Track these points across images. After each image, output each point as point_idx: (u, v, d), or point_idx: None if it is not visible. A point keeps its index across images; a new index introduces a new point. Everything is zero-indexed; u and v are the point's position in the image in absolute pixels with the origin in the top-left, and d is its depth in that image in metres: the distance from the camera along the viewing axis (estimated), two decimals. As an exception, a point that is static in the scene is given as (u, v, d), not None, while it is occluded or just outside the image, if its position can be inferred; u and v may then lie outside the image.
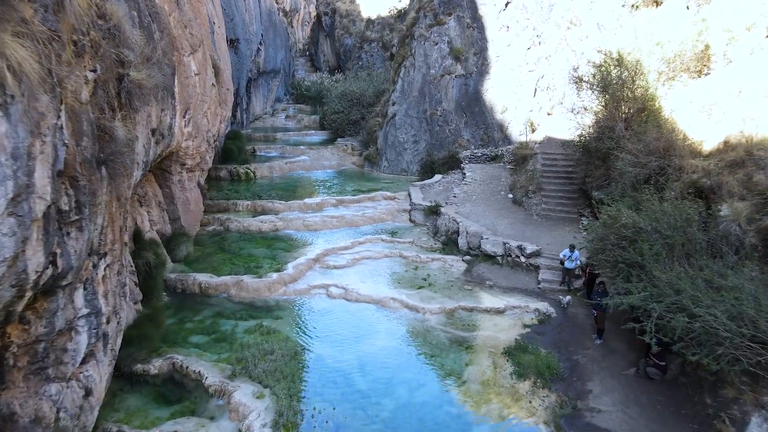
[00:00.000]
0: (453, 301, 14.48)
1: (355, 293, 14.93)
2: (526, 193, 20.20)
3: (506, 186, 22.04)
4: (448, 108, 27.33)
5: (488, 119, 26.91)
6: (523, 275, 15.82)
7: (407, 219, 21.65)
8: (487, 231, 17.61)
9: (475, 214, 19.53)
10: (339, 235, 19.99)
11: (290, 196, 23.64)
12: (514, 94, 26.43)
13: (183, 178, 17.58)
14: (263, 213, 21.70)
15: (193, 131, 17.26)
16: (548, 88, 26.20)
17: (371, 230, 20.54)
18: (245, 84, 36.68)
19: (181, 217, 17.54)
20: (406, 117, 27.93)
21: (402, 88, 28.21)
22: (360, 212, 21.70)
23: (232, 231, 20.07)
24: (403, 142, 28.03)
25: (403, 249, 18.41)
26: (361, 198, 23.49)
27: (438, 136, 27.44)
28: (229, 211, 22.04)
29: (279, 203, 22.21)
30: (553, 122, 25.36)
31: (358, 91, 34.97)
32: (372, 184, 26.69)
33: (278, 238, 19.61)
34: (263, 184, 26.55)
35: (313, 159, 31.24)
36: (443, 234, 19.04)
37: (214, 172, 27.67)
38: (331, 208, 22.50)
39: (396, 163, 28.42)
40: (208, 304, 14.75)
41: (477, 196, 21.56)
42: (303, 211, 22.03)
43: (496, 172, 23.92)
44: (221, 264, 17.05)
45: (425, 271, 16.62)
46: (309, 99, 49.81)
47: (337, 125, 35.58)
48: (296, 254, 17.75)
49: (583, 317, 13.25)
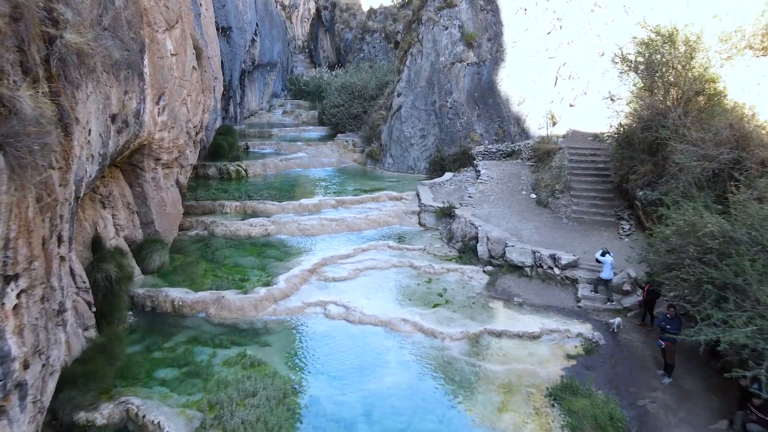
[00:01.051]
0: (477, 323, 12.00)
1: (358, 313, 12.45)
2: (552, 192, 17.72)
3: (528, 185, 19.56)
4: (459, 99, 24.84)
5: (503, 111, 24.44)
6: (557, 290, 13.34)
7: (416, 222, 19.17)
8: (511, 237, 15.12)
9: (495, 217, 17.05)
10: (339, 240, 17.51)
11: (285, 197, 21.17)
12: (533, 83, 23.95)
13: (158, 176, 15.10)
14: (254, 215, 19.23)
15: (169, 121, 14.79)
16: (570, 76, 23.73)
17: (376, 235, 18.06)
18: (238, 76, 34.22)
19: (155, 220, 15.06)
20: (413, 109, 25.45)
21: (408, 77, 25.73)
22: (363, 214, 19.22)
23: (217, 236, 17.60)
24: (409, 137, 25.55)
25: (414, 257, 15.93)
26: (363, 198, 21.02)
27: (448, 130, 24.95)
28: (215, 213, 19.56)
29: (272, 204, 19.73)
30: (577, 114, 22.90)
31: (360, 83, 32.47)
32: (375, 182, 24.22)
33: (269, 244, 17.13)
34: (256, 183, 24.08)
35: (310, 156, 28.77)
36: (459, 240, 16.56)
37: (202, 169, 25.26)
38: (331, 210, 20.02)
39: (401, 160, 25.94)
40: (183, 327, 12.27)
41: (495, 196, 19.08)
42: (298, 213, 19.55)
43: (515, 170, 21.44)
44: (202, 276, 14.57)
45: (441, 285, 14.14)
46: (307, 94, 47.44)
47: (337, 120, 33.10)
48: (289, 264, 15.26)
49: (640, 346, 10.75)
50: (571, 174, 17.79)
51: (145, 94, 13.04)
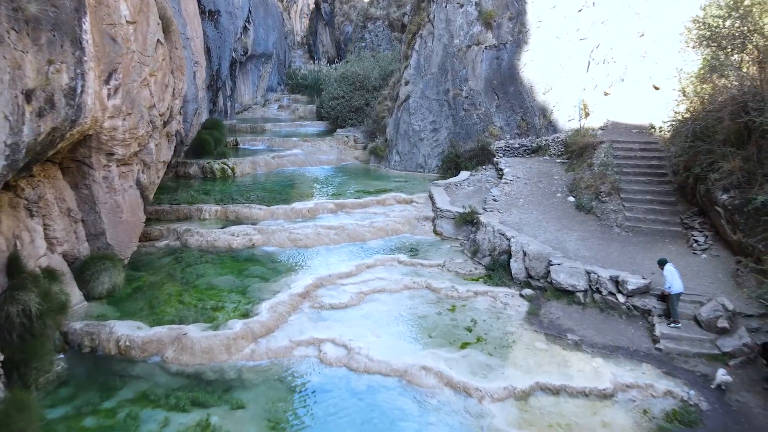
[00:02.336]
0: (523, 373, 8.93)
1: (363, 357, 9.37)
2: (596, 195, 14.64)
3: (563, 186, 16.47)
4: (475, 87, 21.75)
5: (527, 101, 21.35)
6: (623, 324, 10.24)
7: (430, 230, 16.09)
8: (554, 252, 12.04)
9: (529, 225, 13.98)
10: (338, 253, 14.43)
11: (275, 200, 18.08)
12: (561, 69, 20.86)
13: (111, 175, 12.02)
14: (237, 222, 16.16)
15: (124, 105, 11.72)
16: (605, 60, 20.64)
17: (383, 247, 14.98)
18: (228, 65, 31.12)
19: (107, 230, 11.98)
20: (423, 99, 22.36)
21: (417, 63, 22.63)
22: (366, 221, 16.13)
23: (191, 247, 14.54)
24: (418, 130, 22.46)
25: (431, 276, 12.85)
26: (367, 201, 17.92)
27: (463, 123, 21.86)
28: (191, 220, 16.49)
29: (258, 209, 16.64)
30: (614, 104, 19.82)
31: (362, 73, 29.38)
32: (380, 183, 21.14)
33: (254, 258, 14.05)
34: (243, 184, 21.02)
35: (307, 153, 25.69)
36: (486, 254, 13.48)
37: (183, 168, 22.21)
38: (328, 216, 16.93)
39: (410, 158, 22.85)
40: (130, 377, 9.20)
41: (525, 199, 15.99)
42: (290, 219, 16.46)
43: (544, 168, 18.36)
44: (165, 302, 11.49)
45: (468, 314, 11.06)
46: (305, 88, 44.41)
47: (337, 114, 30.02)
48: (276, 285, 12.19)
49: (763, 416, 7.67)
50: (620, 173, 14.71)
51: (85, 69, 9.96)
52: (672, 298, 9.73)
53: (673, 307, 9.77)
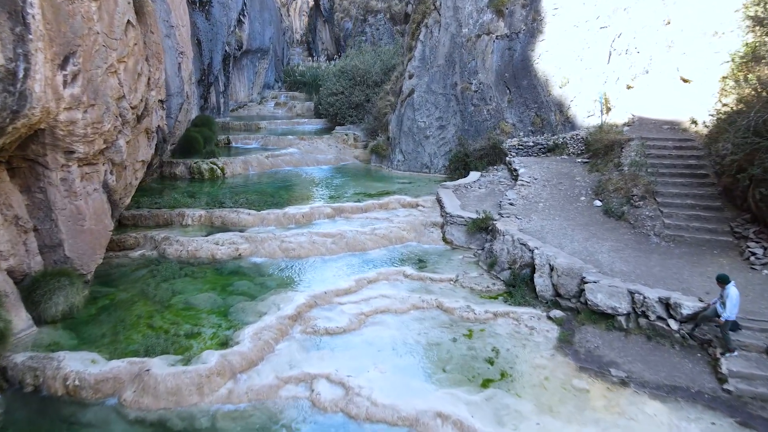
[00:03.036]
0: (564, 423, 7.22)
1: (365, 399, 7.66)
2: (627, 199, 12.94)
3: (587, 188, 14.77)
4: (485, 80, 20.05)
5: (541, 96, 19.65)
6: (677, 356, 8.53)
7: (439, 238, 14.39)
8: (587, 266, 10.33)
9: (552, 234, 12.28)
10: (336, 265, 12.73)
11: (267, 203, 16.39)
12: (579, 60, 19.15)
13: (71, 176, 10.32)
14: (223, 228, 14.47)
15: (85, 95, 10.03)
16: (628, 51, 18.92)
17: (386, 257, 13.28)
18: (221, 59, 29.41)
19: (66, 242, 10.27)
20: (429, 93, 20.66)
21: (423, 55, 20.93)
22: (368, 227, 14.43)
23: (170, 258, 12.85)
24: (424, 127, 20.77)
25: (443, 293, 11.15)
26: (368, 205, 16.21)
27: (472, 119, 20.17)
28: (172, 226, 14.78)
29: (247, 214, 14.94)
30: (637, 98, 18.11)
31: (362, 67, 27.67)
32: (383, 184, 19.45)
33: (240, 271, 12.35)
34: (234, 185, 19.34)
35: (303, 152, 24.00)
36: (505, 267, 11.77)
37: (168, 168, 20.54)
38: (325, 222, 15.24)
39: (414, 157, 21.15)
40: (79, 424, 7.50)
41: (545, 203, 14.30)
42: (282, 226, 14.76)
43: (563, 168, 16.66)
44: (132, 327, 9.78)
45: (488, 341, 9.36)
46: (303, 85, 42.83)
47: (336, 110, 28.33)
48: (263, 305, 10.48)
49: None
50: (655, 174, 13.01)
51: (29, 49, 8.30)
52: (726, 324, 8.08)
53: (726, 335, 8.11)
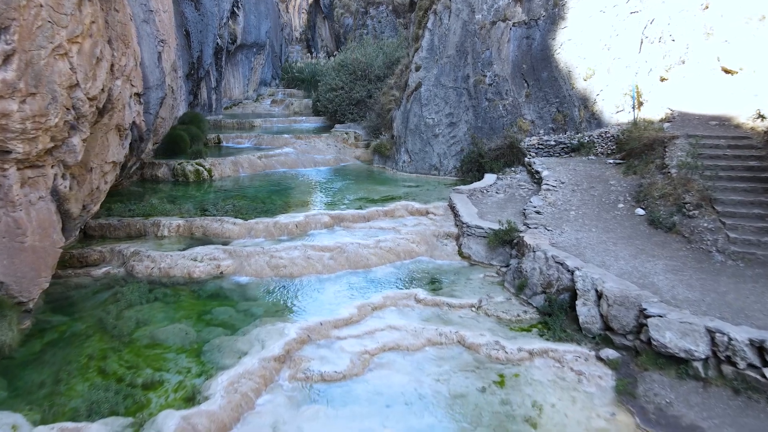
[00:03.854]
0: None
1: (372, 485, 5.72)
2: (678, 207, 10.97)
3: (625, 193, 12.81)
4: (501, 72, 18.09)
5: (563, 89, 17.68)
6: (779, 419, 6.59)
7: (454, 251, 12.42)
8: (645, 293, 8.35)
9: (591, 249, 10.31)
10: (335, 287, 10.77)
11: (256, 210, 14.44)
12: (606, 49, 17.19)
13: (6, 182, 8.35)
14: (204, 241, 12.52)
15: (22, 81, 8.06)
16: (661, 39, 16.95)
17: (393, 276, 11.32)
18: (212, 53, 27.45)
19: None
20: (438, 87, 18.70)
21: (431, 44, 18.97)
22: (371, 239, 12.46)
23: (138, 277, 10.91)
24: (432, 125, 18.81)
25: (464, 324, 9.19)
26: (372, 213, 14.25)
27: (487, 116, 18.21)
28: (145, 238, 12.83)
29: (233, 223, 12.98)
30: (672, 91, 16.15)
31: (364, 60, 25.70)
32: (387, 188, 17.49)
33: (220, 294, 10.40)
34: (222, 189, 17.40)
35: (300, 152, 22.06)
36: (538, 290, 9.80)
37: (150, 169, 18.61)
38: (323, 232, 13.28)
39: (422, 157, 19.20)
40: None
41: (577, 211, 12.33)
42: (273, 237, 12.80)
43: (592, 170, 14.70)
44: (78, 372, 7.82)
45: (525, 392, 7.39)
46: (301, 82, 40.93)
47: (335, 107, 26.37)
48: (244, 341, 8.51)
49: None
50: (712, 177, 11.04)
51: (-68, 18, 6.31)
52: None
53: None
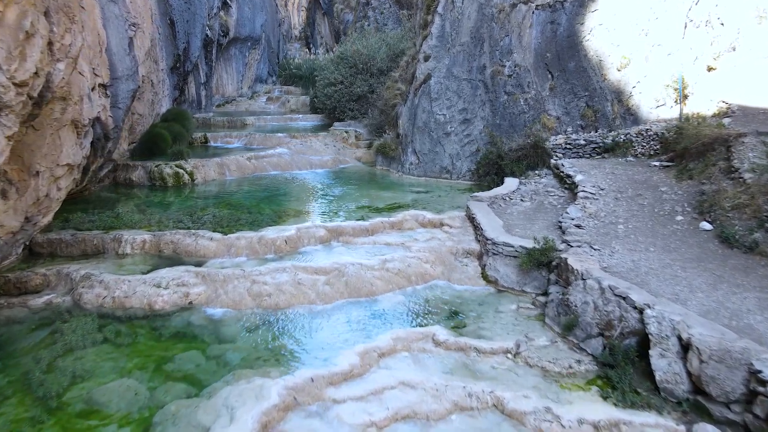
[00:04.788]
0: None
1: None
2: (760, 222, 8.81)
3: (682, 203, 10.63)
4: (522, 62, 15.93)
5: (593, 81, 15.52)
6: None
7: (476, 273, 10.24)
8: (758, 347, 6.17)
9: (655, 275, 8.14)
10: (331, 323, 8.58)
11: (239, 222, 12.25)
12: (644, 35, 15.03)
13: None
14: (174, 260, 10.37)
15: None
16: (708, 23, 14.78)
17: (404, 307, 9.14)
18: (201, 45, 25.29)
19: None
20: (450, 79, 16.54)
21: (442, 31, 16.81)
22: (376, 258, 10.27)
23: (87, 308, 8.76)
24: (443, 122, 16.65)
25: (499, 378, 7.00)
26: (376, 225, 12.05)
27: (506, 112, 16.05)
28: (103, 256, 10.66)
29: (209, 239, 10.79)
30: (723, 81, 13.98)
31: (366, 52, 23.53)
32: (392, 194, 15.31)
33: (187, 333, 8.22)
34: (204, 195, 15.25)
35: (294, 153, 19.91)
36: (593, 331, 7.62)
37: (124, 172, 16.49)
38: (317, 249, 11.09)
39: (431, 158, 17.03)
40: None
41: (625, 225, 10.16)
42: (257, 256, 10.61)
43: (636, 174, 12.54)
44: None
45: (599, 492, 5.24)
46: (299, 79, 38.83)
47: (334, 104, 24.22)
48: (209, 407, 6.31)
49: None
50: (804, 185, 8.89)
51: None
52: None
53: None
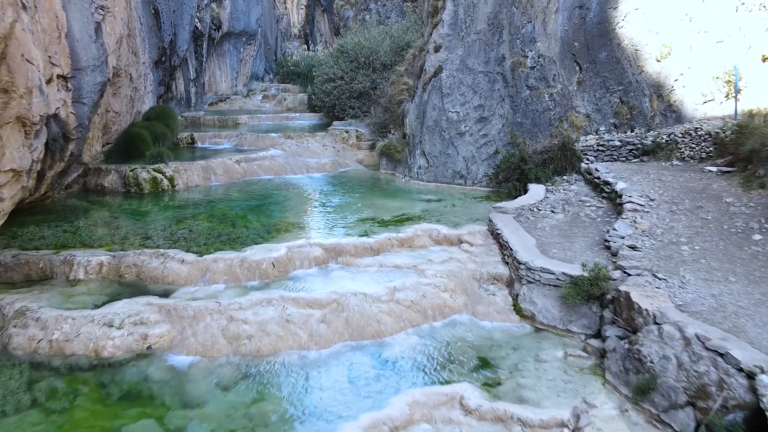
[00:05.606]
0: None
1: None
2: None
3: (756, 217, 8.68)
4: (547, 53, 14.03)
5: (628, 73, 13.61)
6: None
7: (507, 305, 8.29)
8: None
9: (748, 316, 6.20)
10: (328, 379, 6.63)
11: (221, 238, 10.31)
12: (687, 20, 13.12)
13: None
14: (137, 287, 8.44)
15: None
16: (763, 6, 12.86)
17: (419, 353, 7.18)
18: (189, 37, 23.39)
19: None
20: (464, 72, 14.63)
21: (455, 17, 14.90)
22: (383, 287, 8.32)
23: (17, 354, 6.88)
24: (456, 120, 14.73)
25: (558, 472, 5.11)
26: (382, 242, 10.06)
27: (528, 109, 14.13)
28: (50, 282, 8.74)
29: (180, 261, 8.85)
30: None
31: (368, 45, 21.61)
32: (400, 203, 13.37)
33: (143, 393, 6.29)
34: (184, 204, 13.34)
35: (290, 154, 18.00)
36: (678, 398, 5.69)
37: (96, 177, 14.61)
38: (312, 272, 9.13)
39: (443, 162, 15.11)
40: None
41: (690, 245, 8.23)
42: (238, 282, 8.65)
43: (689, 181, 10.61)
44: None
45: None
46: (298, 77, 36.96)
47: (333, 101, 22.31)
48: None
49: None
50: None
51: None
52: None
53: None
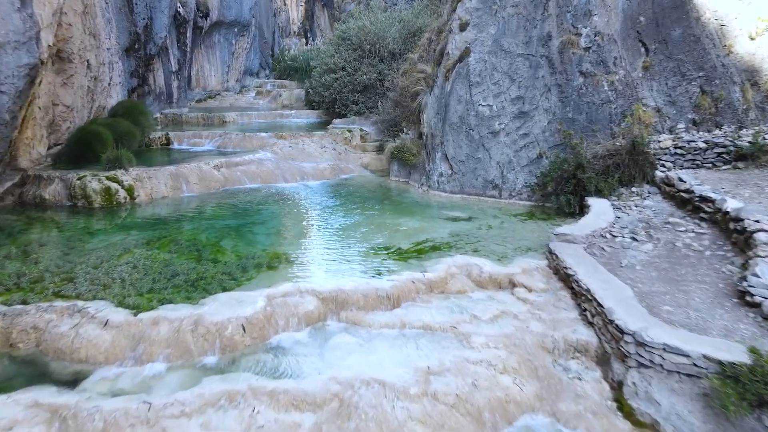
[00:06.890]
0: None
1: None
2: None
3: None
4: (605, 30, 11.07)
5: (711, 55, 10.65)
6: None
7: (602, 398, 5.33)
8: None
9: None
10: None
11: (175, 280, 7.32)
12: (791, -13, 10.18)
13: None
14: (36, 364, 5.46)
15: None
16: None
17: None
18: (169, 23, 20.45)
19: None
20: (497, 56, 11.67)
21: (484, -12, 11.94)
22: (409, 370, 5.36)
23: None
24: (488, 116, 11.75)
25: None
26: (404, 287, 7.03)
27: (582, 101, 11.16)
28: None
29: (101, 322, 5.85)
30: None
31: (374, 30, 18.63)
32: (419, 223, 10.36)
33: None
34: (141, 224, 10.37)
35: (281, 158, 15.04)
36: None
37: (35, 187, 11.65)
38: (301, 338, 6.14)
39: (471, 168, 12.12)
40: None
41: None
42: (189, 357, 5.65)
43: (827, 199, 7.65)
44: None
45: None
46: (296, 72, 34.03)
47: (334, 95, 19.34)
48: None
49: None
50: None
51: None
52: None
53: None
